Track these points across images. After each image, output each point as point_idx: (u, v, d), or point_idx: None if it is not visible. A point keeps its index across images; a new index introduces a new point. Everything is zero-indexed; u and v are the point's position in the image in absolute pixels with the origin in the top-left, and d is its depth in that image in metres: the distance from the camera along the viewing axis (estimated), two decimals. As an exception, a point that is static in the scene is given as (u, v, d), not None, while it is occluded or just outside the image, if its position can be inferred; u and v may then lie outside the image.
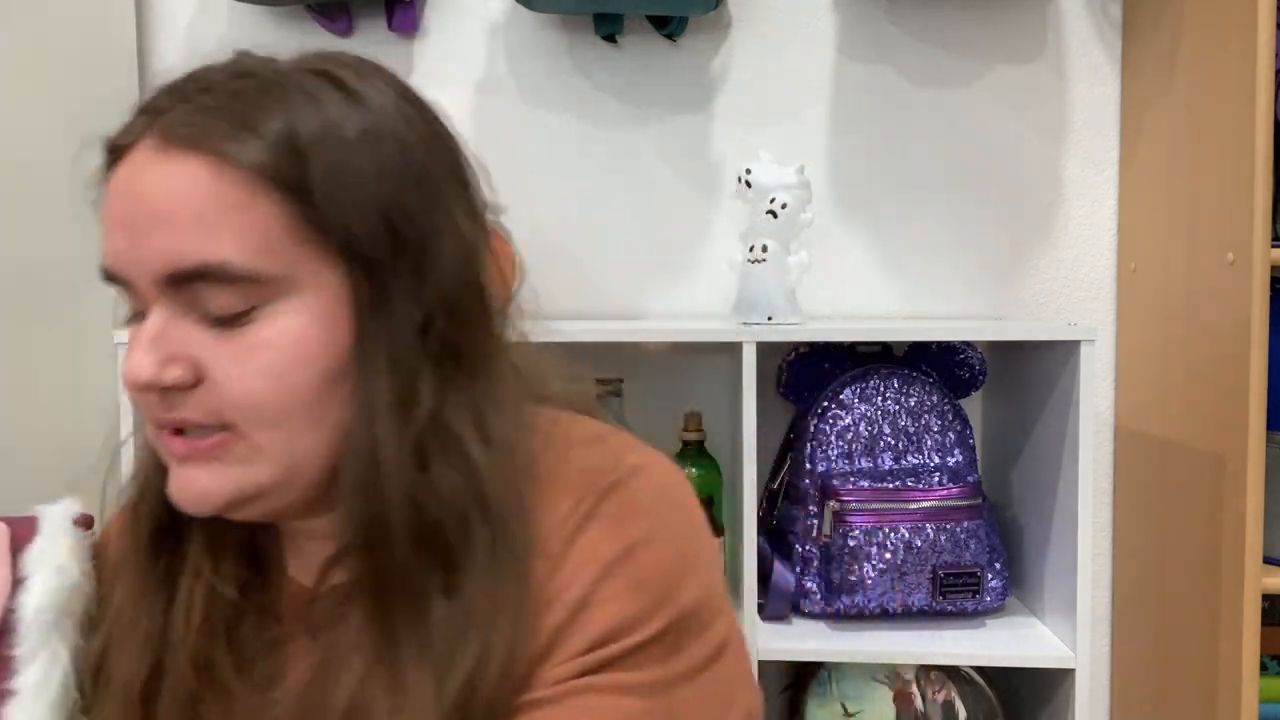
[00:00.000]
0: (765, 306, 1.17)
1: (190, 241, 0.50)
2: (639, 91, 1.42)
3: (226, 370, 0.51)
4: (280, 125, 0.50)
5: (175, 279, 0.51)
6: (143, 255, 0.51)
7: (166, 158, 0.51)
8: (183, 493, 0.53)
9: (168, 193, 0.50)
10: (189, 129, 0.51)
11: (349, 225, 0.51)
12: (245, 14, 1.41)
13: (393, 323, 0.52)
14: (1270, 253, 1.05)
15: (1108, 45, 1.39)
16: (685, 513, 0.56)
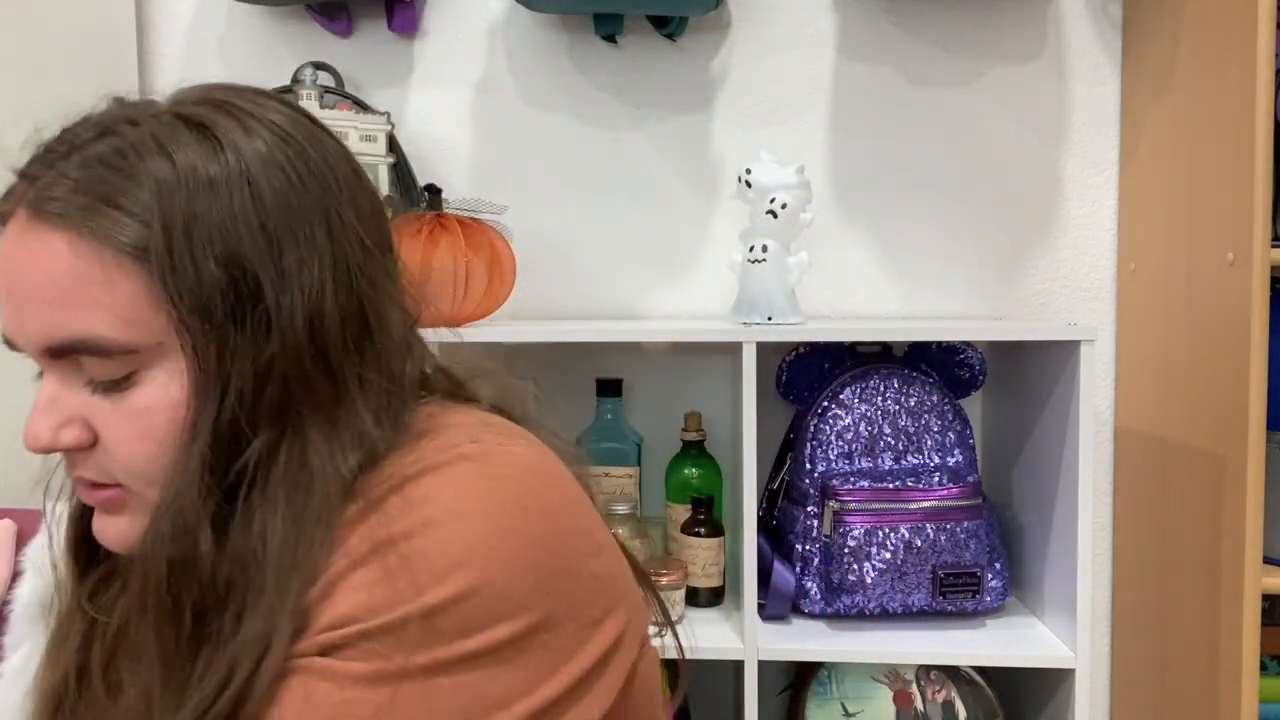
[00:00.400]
0: (765, 306, 1.17)
1: (60, 318, 0.51)
2: (639, 91, 1.42)
3: (115, 433, 0.53)
4: (132, 200, 0.51)
5: (54, 351, 0.52)
6: (25, 327, 0.53)
7: (34, 232, 0.52)
8: (100, 535, 0.57)
9: (35, 268, 0.51)
10: (51, 203, 0.52)
11: (195, 286, 0.51)
12: (245, 14, 1.41)
13: (228, 380, 0.51)
14: (1270, 253, 1.05)
15: (1108, 45, 1.39)
16: (495, 505, 0.51)
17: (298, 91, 1.25)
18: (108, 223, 0.51)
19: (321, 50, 1.39)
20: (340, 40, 1.41)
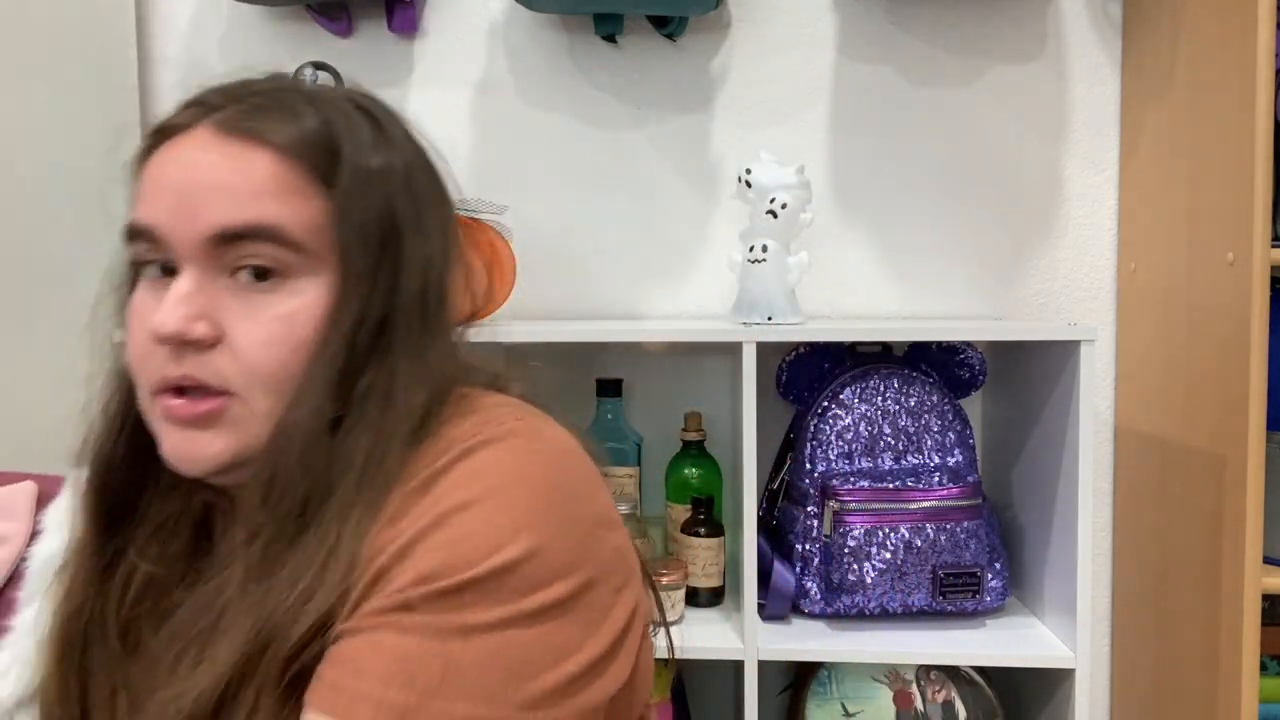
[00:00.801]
0: (765, 306, 1.17)
1: (249, 206, 0.57)
2: (639, 91, 1.42)
3: (249, 334, 0.57)
4: (326, 133, 0.59)
5: (225, 237, 0.57)
6: (196, 214, 0.57)
7: (226, 143, 0.58)
8: (179, 454, 0.58)
9: (231, 168, 0.57)
10: (249, 123, 0.58)
11: (360, 224, 0.59)
12: (245, 14, 1.41)
13: (357, 316, 0.58)
14: (1270, 253, 1.05)
15: (1108, 45, 1.39)
16: (547, 476, 0.55)
17: (298, 91, 1.25)
18: (305, 148, 0.58)
19: (321, 50, 1.39)
20: (340, 40, 1.41)
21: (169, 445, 0.58)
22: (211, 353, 0.57)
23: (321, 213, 0.58)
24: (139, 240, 0.59)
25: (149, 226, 0.58)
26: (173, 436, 0.58)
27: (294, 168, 0.58)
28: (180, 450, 0.58)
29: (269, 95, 0.60)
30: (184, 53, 1.44)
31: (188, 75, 1.44)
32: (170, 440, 0.58)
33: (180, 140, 0.59)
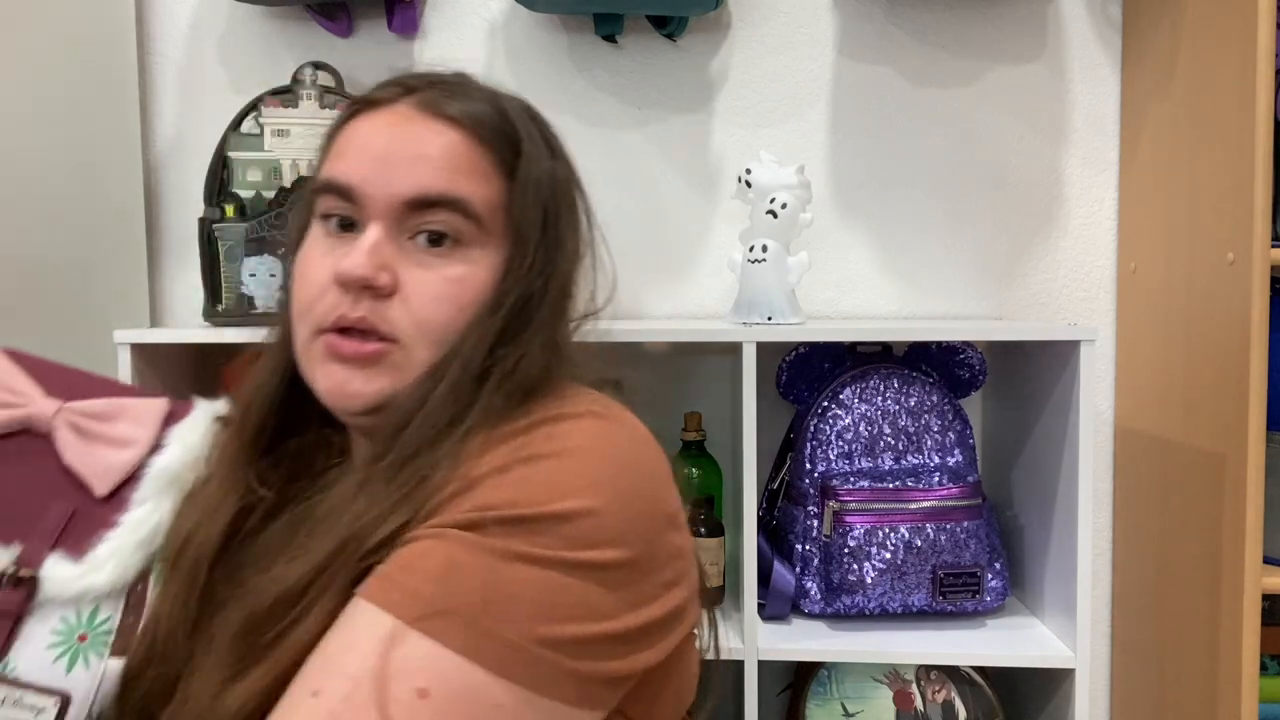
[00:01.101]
0: (765, 306, 1.17)
1: (442, 177, 0.64)
2: (639, 91, 1.42)
3: (423, 288, 0.64)
4: (510, 128, 0.68)
5: (418, 203, 0.64)
6: (393, 179, 0.64)
7: (427, 119, 0.66)
8: (337, 391, 0.64)
9: (430, 142, 0.65)
10: (447, 106, 0.66)
11: (530, 209, 0.67)
12: (245, 14, 1.41)
13: (515, 293, 0.66)
14: (1270, 253, 1.05)
15: (1108, 45, 1.39)
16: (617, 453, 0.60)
17: (298, 91, 1.25)
18: (496, 140, 0.67)
19: (321, 50, 1.39)
20: (340, 40, 1.41)
21: (329, 383, 0.64)
22: (387, 301, 0.63)
23: (499, 194, 0.66)
24: (332, 194, 0.65)
25: (348, 183, 0.65)
26: (334, 375, 0.64)
27: (482, 152, 0.66)
28: (339, 387, 0.64)
29: (462, 87, 0.69)
30: (184, 53, 1.44)
31: (188, 75, 1.44)
32: (331, 378, 0.64)
33: (381, 112, 0.67)
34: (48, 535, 0.66)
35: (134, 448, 0.69)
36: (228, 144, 1.23)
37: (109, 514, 0.68)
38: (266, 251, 1.22)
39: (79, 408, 0.69)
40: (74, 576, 0.65)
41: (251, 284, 1.22)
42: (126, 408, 0.71)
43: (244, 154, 1.23)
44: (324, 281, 0.64)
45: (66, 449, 0.68)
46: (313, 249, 0.67)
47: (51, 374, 0.71)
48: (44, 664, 0.63)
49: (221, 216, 1.23)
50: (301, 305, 0.66)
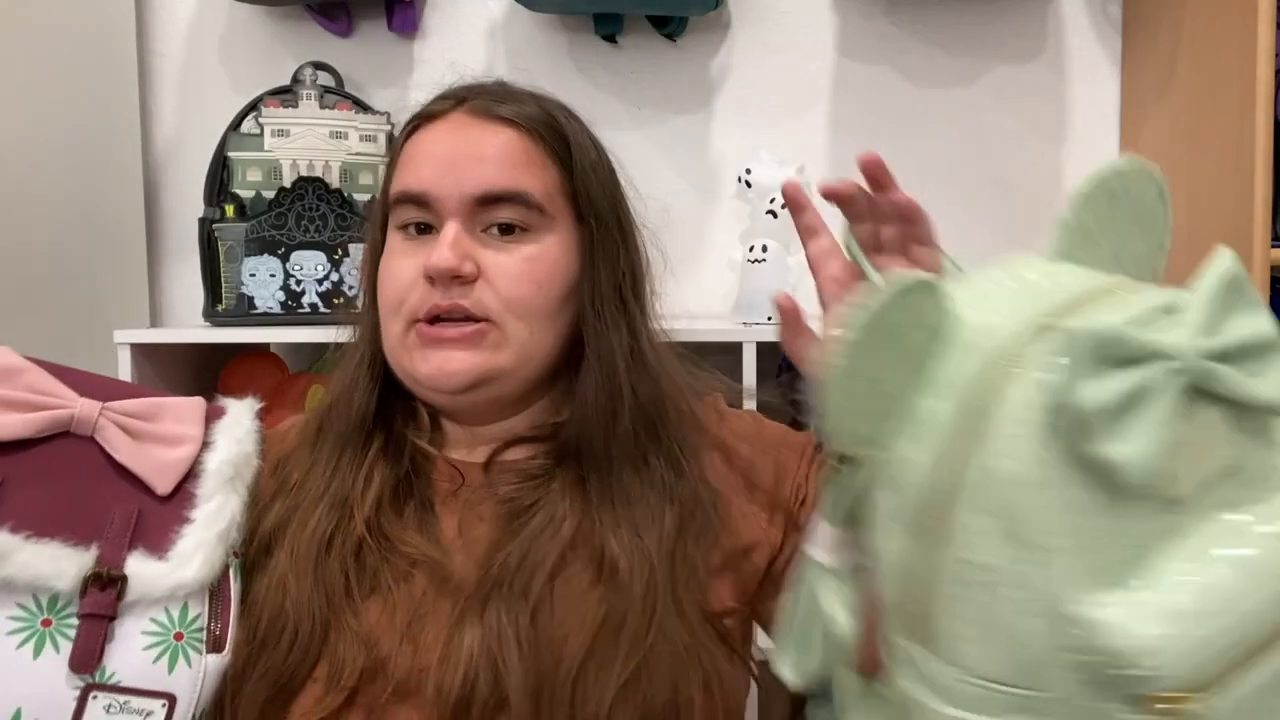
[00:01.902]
0: (765, 306, 1.17)
1: (506, 175, 0.71)
2: (639, 91, 1.42)
3: (503, 271, 0.70)
4: (556, 121, 0.74)
5: (486, 199, 0.70)
6: (462, 180, 0.70)
7: (482, 123, 0.73)
8: (439, 371, 0.70)
9: (489, 143, 0.72)
10: (498, 109, 0.73)
11: (588, 201, 0.75)
12: (245, 13, 1.41)
13: (604, 272, 0.74)
14: (1270, 253, 1.05)
15: (1108, 45, 1.39)
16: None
17: (298, 91, 1.25)
18: (547, 134, 0.74)
19: (321, 50, 1.39)
20: (340, 40, 1.41)
21: (428, 366, 0.70)
22: (473, 286, 0.70)
23: (556, 182, 0.73)
24: (408, 204, 0.72)
25: (421, 191, 0.71)
26: (433, 358, 0.70)
27: (535, 144, 0.73)
28: (439, 368, 0.69)
29: (508, 92, 0.75)
30: (184, 53, 1.44)
31: (188, 75, 1.44)
32: (431, 361, 0.70)
33: (439, 123, 0.73)
34: (121, 534, 0.64)
35: (187, 445, 0.69)
36: (228, 144, 1.23)
37: (177, 511, 0.67)
38: (266, 251, 1.22)
39: (121, 407, 0.68)
40: (163, 573, 0.64)
41: (251, 284, 1.22)
42: (166, 406, 0.70)
43: (244, 154, 1.23)
44: (411, 278, 0.70)
45: (119, 448, 0.67)
46: (394, 255, 0.73)
47: (76, 377, 0.70)
48: (144, 666, 0.62)
49: (221, 216, 1.23)
50: (391, 303, 0.72)
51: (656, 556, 0.67)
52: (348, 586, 0.67)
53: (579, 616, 0.65)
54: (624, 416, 0.71)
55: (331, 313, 1.22)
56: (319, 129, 1.23)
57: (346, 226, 1.24)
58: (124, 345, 1.14)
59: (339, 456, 0.73)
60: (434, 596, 0.67)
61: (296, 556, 0.68)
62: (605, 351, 0.73)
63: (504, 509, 0.70)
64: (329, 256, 1.23)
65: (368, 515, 0.69)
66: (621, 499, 0.70)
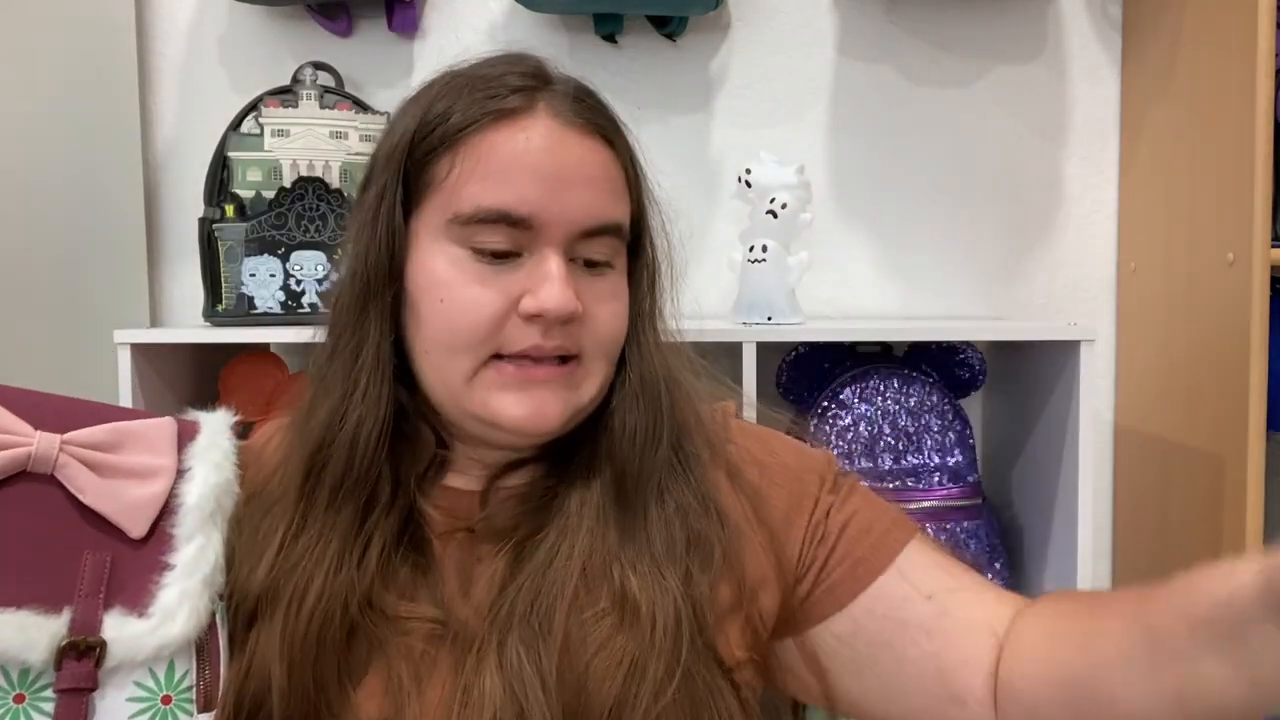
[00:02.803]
0: (765, 306, 1.17)
1: (607, 205, 0.65)
2: (639, 91, 1.42)
3: (600, 307, 0.65)
4: (626, 134, 0.70)
5: (589, 231, 0.64)
6: (569, 206, 0.63)
7: (575, 136, 0.65)
8: (531, 416, 0.63)
9: (592, 163, 0.65)
10: (585, 117, 0.66)
11: (649, 230, 0.71)
12: (245, 13, 1.41)
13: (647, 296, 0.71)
14: (1270, 253, 1.05)
15: (1108, 45, 1.39)
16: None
17: (298, 91, 1.25)
18: (627, 151, 0.69)
19: (321, 50, 1.39)
20: (340, 40, 1.41)
21: (520, 410, 0.63)
22: (572, 327, 0.64)
23: (630, 209, 0.68)
24: (500, 223, 0.62)
25: (526, 215, 0.62)
26: (525, 401, 0.63)
27: (621, 166, 0.68)
28: (536, 411, 0.63)
29: (574, 83, 0.68)
30: (184, 53, 1.44)
31: (188, 75, 1.44)
32: (524, 405, 0.63)
33: (525, 123, 0.64)
34: (94, 592, 0.57)
35: (159, 477, 0.61)
36: (228, 144, 1.23)
37: (154, 555, 0.60)
38: (266, 251, 1.22)
39: (83, 439, 0.60)
40: (146, 631, 0.57)
41: (251, 284, 1.22)
42: (132, 433, 0.62)
43: (244, 154, 1.23)
44: (498, 312, 0.62)
45: (85, 489, 0.59)
46: (464, 278, 0.63)
47: (27, 401, 0.61)
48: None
49: (221, 216, 1.23)
50: (465, 336, 0.63)
51: (680, 599, 0.62)
52: (340, 671, 0.61)
53: (605, 656, 0.60)
54: (665, 441, 0.67)
55: (331, 313, 1.22)
56: (319, 129, 1.23)
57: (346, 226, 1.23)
58: (124, 345, 1.14)
59: (336, 515, 0.64)
60: (434, 648, 0.62)
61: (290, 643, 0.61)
62: (649, 375, 0.68)
63: (508, 542, 0.65)
64: (329, 256, 1.23)
65: (363, 592, 0.62)
66: (641, 527, 0.65)
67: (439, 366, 0.64)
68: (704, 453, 0.70)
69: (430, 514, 0.66)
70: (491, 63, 0.68)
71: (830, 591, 0.68)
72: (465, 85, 0.66)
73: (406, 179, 0.65)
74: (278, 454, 0.69)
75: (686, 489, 0.67)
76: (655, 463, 0.66)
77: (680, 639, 0.61)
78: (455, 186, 0.63)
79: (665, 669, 0.60)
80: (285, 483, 0.66)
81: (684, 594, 0.62)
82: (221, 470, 0.63)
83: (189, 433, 0.65)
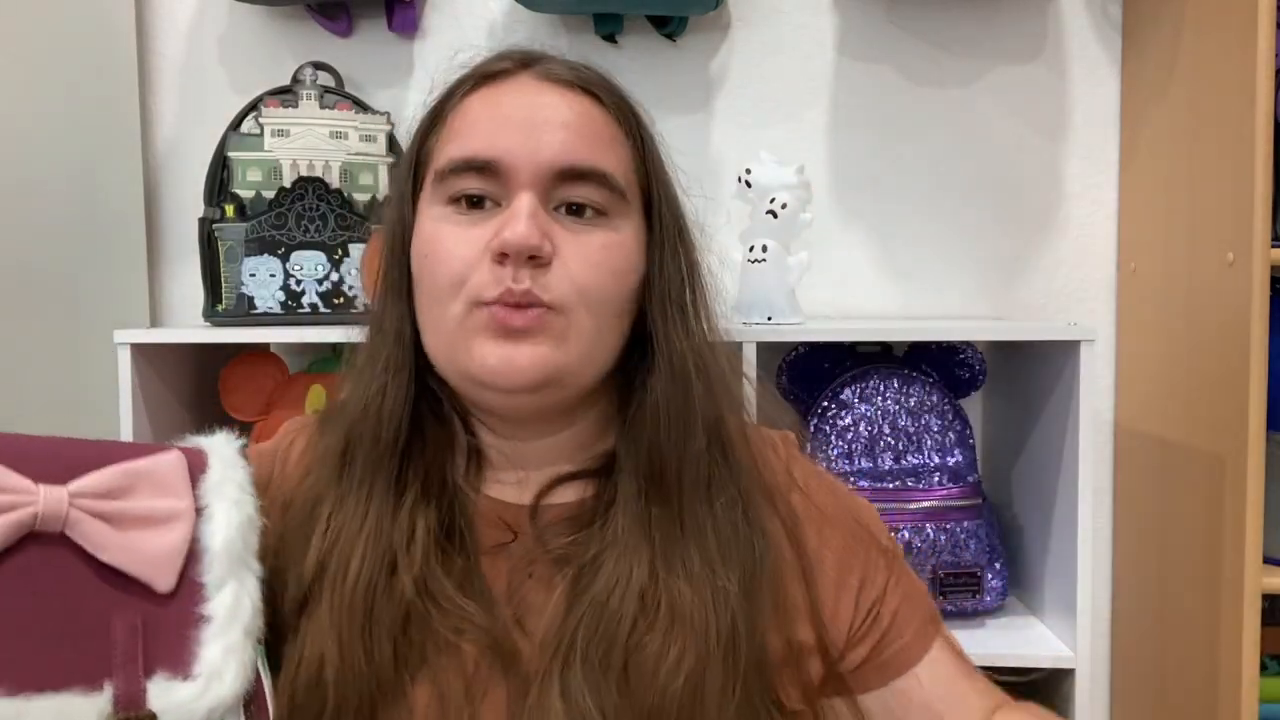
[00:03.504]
0: (765, 306, 1.17)
1: (585, 149, 0.64)
2: (639, 91, 1.41)
3: (577, 255, 0.62)
4: (626, 97, 0.70)
5: (566, 174, 0.63)
6: (540, 147, 0.62)
7: (555, 89, 0.65)
8: (503, 365, 0.61)
9: (569, 110, 0.64)
10: (572, 74, 0.67)
11: (661, 189, 0.69)
12: (245, 13, 1.41)
13: (671, 270, 0.68)
14: (1270, 253, 1.05)
15: (1108, 45, 1.39)
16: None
17: (298, 91, 1.25)
18: (620, 104, 0.69)
19: (321, 50, 1.39)
20: (340, 40, 1.41)
21: (493, 359, 0.61)
22: (546, 270, 0.61)
23: (631, 164, 0.67)
24: (468, 171, 0.63)
25: (492, 157, 0.62)
26: (498, 350, 0.61)
27: (614, 119, 0.67)
28: (506, 363, 0.61)
29: (566, 60, 0.69)
30: (184, 53, 1.44)
31: (188, 75, 1.44)
32: (494, 354, 0.61)
33: (503, 84, 0.65)
34: (131, 659, 0.53)
35: (178, 522, 0.56)
36: (228, 144, 1.23)
37: (186, 608, 0.55)
38: (266, 251, 1.22)
39: (92, 487, 0.54)
40: (194, 696, 0.53)
41: (251, 284, 1.22)
42: (142, 473, 0.56)
43: (244, 154, 1.23)
44: (471, 257, 0.61)
45: (103, 545, 0.53)
46: (445, 229, 0.63)
47: (18, 451, 0.54)
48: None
49: (221, 216, 1.23)
50: (445, 285, 0.62)
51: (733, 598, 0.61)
52: (396, 658, 0.60)
53: (663, 688, 0.58)
54: (698, 433, 0.64)
55: (331, 313, 1.22)
56: (319, 129, 1.23)
57: (347, 226, 1.24)
58: (124, 345, 1.14)
59: (370, 485, 0.64)
60: (487, 670, 0.61)
61: (338, 614, 0.60)
62: (678, 358, 0.65)
63: (564, 569, 0.63)
64: (329, 256, 1.23)
65: (416, 574, 0.61)
66: (690, 541, 0.63)
67: (434, 321, 0.64)
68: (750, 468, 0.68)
69: (478, 526, 0.65)
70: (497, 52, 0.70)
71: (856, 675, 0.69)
72: (466, 73, 0.68)
73: (415, 166, 0.67)
74: (307, 454, 0.69)
75: (733, 497, 0.65)
76: (691, 454, 0.64)
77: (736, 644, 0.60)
78: (440, 147, 0.65)
79: (725, 679, 0.59)
80: (324, 473, 0.66)
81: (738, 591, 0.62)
82: (242, 506, 0.58)
83: (198, 465, 0.59)
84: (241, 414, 1.23)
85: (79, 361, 1.24)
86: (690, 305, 0.68)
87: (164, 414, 1.17)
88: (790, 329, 1.16)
